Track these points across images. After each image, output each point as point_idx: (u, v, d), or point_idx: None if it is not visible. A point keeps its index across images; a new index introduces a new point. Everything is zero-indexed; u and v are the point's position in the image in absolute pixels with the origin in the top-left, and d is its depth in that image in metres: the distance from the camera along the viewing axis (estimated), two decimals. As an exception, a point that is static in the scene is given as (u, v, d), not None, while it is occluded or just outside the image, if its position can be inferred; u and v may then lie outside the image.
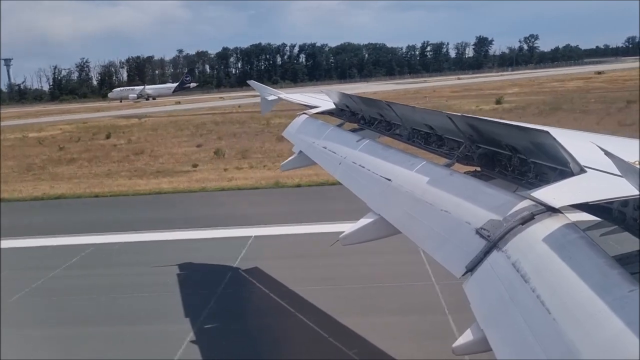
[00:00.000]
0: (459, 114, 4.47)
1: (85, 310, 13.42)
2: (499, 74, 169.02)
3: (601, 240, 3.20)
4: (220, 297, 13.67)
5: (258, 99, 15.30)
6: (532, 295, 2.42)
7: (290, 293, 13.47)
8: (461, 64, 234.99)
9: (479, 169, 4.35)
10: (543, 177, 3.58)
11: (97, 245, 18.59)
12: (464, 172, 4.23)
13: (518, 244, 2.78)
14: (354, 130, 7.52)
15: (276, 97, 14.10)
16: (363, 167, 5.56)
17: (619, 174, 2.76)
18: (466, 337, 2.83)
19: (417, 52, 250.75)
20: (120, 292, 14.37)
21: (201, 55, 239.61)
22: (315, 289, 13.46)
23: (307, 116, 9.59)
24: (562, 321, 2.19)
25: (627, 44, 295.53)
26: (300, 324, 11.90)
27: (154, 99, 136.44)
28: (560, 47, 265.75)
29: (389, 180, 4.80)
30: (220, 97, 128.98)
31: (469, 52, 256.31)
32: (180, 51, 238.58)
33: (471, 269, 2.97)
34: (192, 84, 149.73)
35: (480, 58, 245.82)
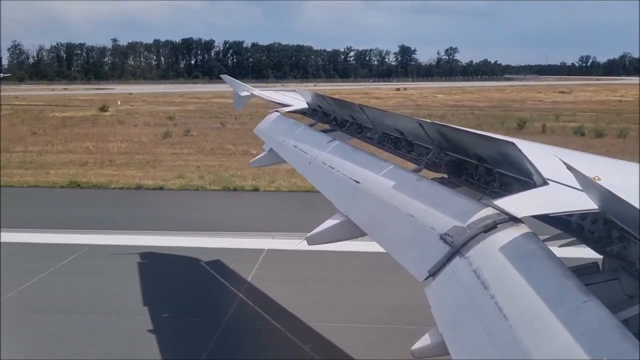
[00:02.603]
0: (429, 120, 4.53)
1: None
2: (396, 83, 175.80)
3: (559, 251, 3.29)
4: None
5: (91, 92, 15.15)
6: (491, 302, 2.48)
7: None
8: (378, 72, 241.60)
9: (446, 176, 4.42)
10: (507, 187, 3.66)
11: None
12: (431, 179, 4.29)
13: (480, 251, 2.84)
14: (325, 131, 7.53)
15: (249, 94, 13.99)
16: (333, 168, 5.58)
17: (580, 188, 2.84)
18: (425, 341, 2.87)
19: (342, 57, 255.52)
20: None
21: (133, 46, 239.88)
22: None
23: (279, 114, 9.56)
24: (519, 328, 2.25)
25: (580, 62, 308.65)
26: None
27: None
28: (476, 61, 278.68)
29: (358, 182, 4.83)
30: (64, 88, 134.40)
31: (391, 60, 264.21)
32: (115, 40, 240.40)
33: (433, 273, 3.01)
34: (1, 75, 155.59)
35: (391, 67, 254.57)
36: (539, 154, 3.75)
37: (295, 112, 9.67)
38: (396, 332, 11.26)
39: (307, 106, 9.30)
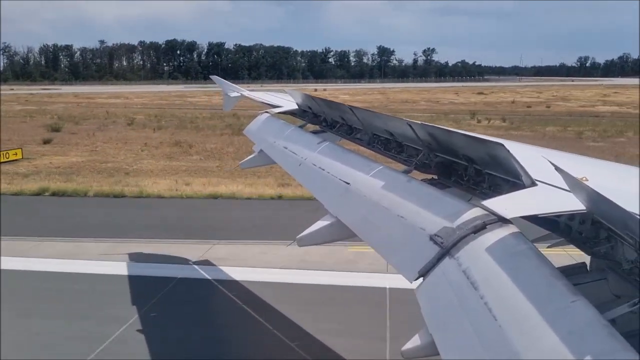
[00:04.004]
0: (419, 122, 4.54)
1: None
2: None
3: (548, 251, 3.31)
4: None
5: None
6: (480, 302, 2.49)
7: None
8: (353, 73, 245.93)
9: (435, 177, 4.44)
10: (496, 188, 3.68)
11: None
12: (421, 180, 4.30)
13: (469, 252, 2.85)
14: (315, 132, 7.53)
15: (238, 94, 13.95)
16: (323, 169, 5.58)
17: (567, 188, 2.87)
18: (415, 342, 2.88)
19: (319, 59, 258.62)
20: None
21: (119, 48, 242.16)
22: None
23: (268, 115, 9.55)
24: (508, 328, 2.26)
25: (577, 63, 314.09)
26: None
27: None
28: (452, 63, 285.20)
29: (348, 183, 4.83)
30: (11, 89, 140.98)
31: (368, 61, 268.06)
32: (102, 42, 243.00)
33: (424, 274, 3.02)
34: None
35: (363, 67, 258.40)
36: (527, 155, 3.78)
37: (285, 113, 9.65)
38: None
39: (297, 107, 9.29)
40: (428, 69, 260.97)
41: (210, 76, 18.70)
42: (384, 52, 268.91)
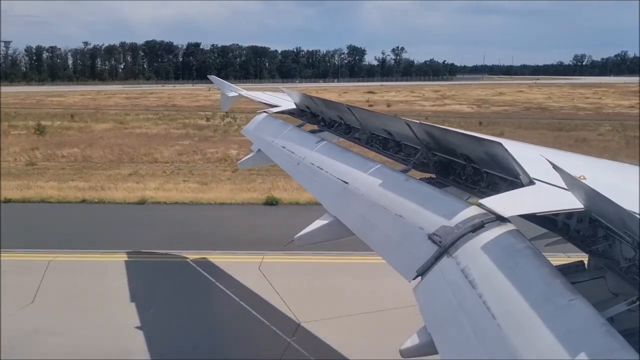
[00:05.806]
0: (417, 121, 4.54)
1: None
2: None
3: (546, 250, 3.32)
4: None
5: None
6: (479, 301, 2.49)
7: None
8: (316, 73, 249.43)
9: (434, 176, 4.44)
10: (494, 187, 3.69)
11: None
12: (419, 179, 4.30)
13: (468, 250, 2.85)
14: (313, 132, 7.53)
15: (236, 94, 13.94)
16: (321, 168, 5.58)
17: (565, 187, 2.87)
18: (413, 341, 2.88)
19: (290, 58, 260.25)
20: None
21: (107, 48, 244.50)
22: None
23: (266, 114, 9.54)
24: (506, 327, 2.26)
25: (574, 61, 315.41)
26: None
27: None
28: (422, 61, 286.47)
29: (346, 183, 4.83)
30: None
31: (337, 60, 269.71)
32: (86, 43, 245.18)
33: (422, 273, 3.03)
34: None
35: (328, 66, 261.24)
36: (525, 154, 3.78)
37: (283, 112, 9.65)
38: None
39: (295, 107, 9.29)
40: (393, 68, 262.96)
41: (208, 76, 18.66)
42: (356, 52, 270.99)
